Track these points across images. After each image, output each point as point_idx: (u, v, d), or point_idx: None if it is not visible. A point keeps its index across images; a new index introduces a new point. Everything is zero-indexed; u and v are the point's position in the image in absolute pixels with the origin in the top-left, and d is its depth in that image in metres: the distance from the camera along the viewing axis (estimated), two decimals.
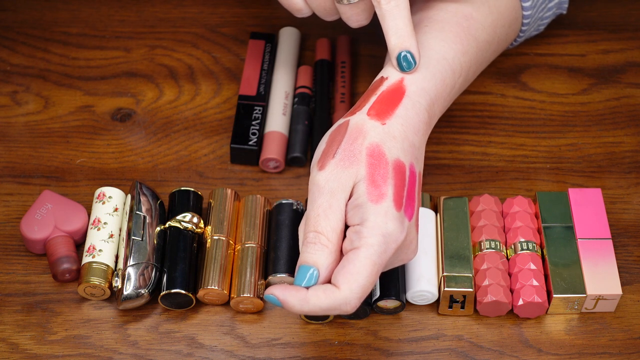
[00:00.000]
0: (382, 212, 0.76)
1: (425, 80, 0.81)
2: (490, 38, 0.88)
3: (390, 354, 0.84)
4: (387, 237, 0.76)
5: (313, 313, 0.76)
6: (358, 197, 0.76)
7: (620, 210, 0.91)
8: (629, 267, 0.88)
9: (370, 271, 0.75)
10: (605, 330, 0.85)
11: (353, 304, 0.75)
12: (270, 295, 0.76)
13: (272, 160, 0.92)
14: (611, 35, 1.02)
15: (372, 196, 0.76)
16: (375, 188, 0.76)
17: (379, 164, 0.77)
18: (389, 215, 0.76)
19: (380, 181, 0.77)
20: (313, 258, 0.76)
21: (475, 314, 0.86)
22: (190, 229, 0.87)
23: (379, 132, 0.78)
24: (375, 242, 0.75)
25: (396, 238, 0.76)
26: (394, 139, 0.78)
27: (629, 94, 0.98)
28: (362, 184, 0.77)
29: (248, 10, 1.04)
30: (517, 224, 0.87)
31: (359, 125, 0.79)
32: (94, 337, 0.84)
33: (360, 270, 0.75)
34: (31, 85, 0.98)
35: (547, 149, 0.95)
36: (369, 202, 0.76)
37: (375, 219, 0.76)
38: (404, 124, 0.79)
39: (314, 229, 0.76)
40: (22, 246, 0.88)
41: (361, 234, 0.76)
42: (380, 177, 0.77)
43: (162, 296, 0.84)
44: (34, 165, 0.93)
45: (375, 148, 0.78)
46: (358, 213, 0.76)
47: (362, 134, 0.78)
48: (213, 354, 0.84)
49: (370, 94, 0.81)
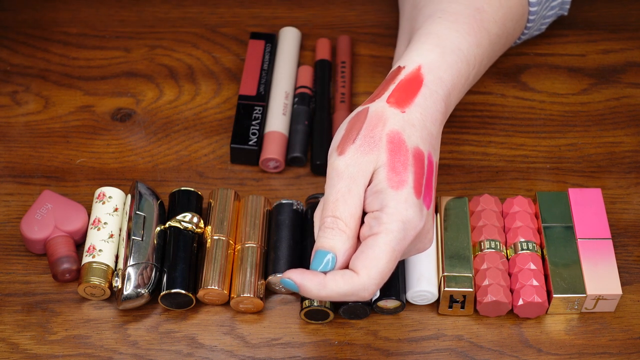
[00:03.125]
0: (402, 199, 0.76)
1: (442, 70, 0.81)
2: (501, 32, 0.88)
3: (390, 354, 0.84)
4: (407, 223, 0.75)
5: (330, 299, 0.75)
6: (378, 183, 0.76)
7: (620, 210, 0.91)
8: (629, 267, 0.88)
9: (390, 257, 0.75)
10: (605, 330, 0.85)
11: (371, 290, 0.75)
12: (286, 280, 0.76)
13: (272, 160, 0.92)
14: (611, 35, 1.02)
15: (392, 182, 0.76)
16: (396, 174, 0.76)
17: (399, 151, 0.77)
18: (409, 202, 0.76)
19: (400, 168, 0.76)
20: (330, 243, 0.75)
21: (475, 314, 0.86)
22: (190, 229, 0.87)
23: (399, 120, 0.78)
24: (395, 228, 0.75)
25: (415, 225, 0.76)
26: (413, 127, 0.78)
27: (629, 94, 0.98)
28: (382, 170, 0.76)
29: (248, 10, 1.04)
30: (517, 224, 0.87)
31: (378, 112, 0.78)
32: (94, 337, 0.84)
33: (380, 256, 0.75)
34: (31, 85, 0.98)
35: (547, 149, 0.95)
36: (390, 189, 0.76)
37: (395, 205, 0.75)
38: (422, 112, 0.79)
39: (332, 214, 0.76)
40: (22, 246, 0.88)
41: (381, 220, 0.75)
42: (401, 164, 0.77)
43: (162, 296, 0.84)
44: (34, 165, 0.93)
45: (395, 135, 0.77)
46: (378, 199, 0.76)
47: (382, 120, 0.78)
48: (213, 354, 0.84)
49: (388, 83, 0.81)
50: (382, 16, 1.04)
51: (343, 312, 0.85)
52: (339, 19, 1.03)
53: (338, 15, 1.04)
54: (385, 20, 1.03)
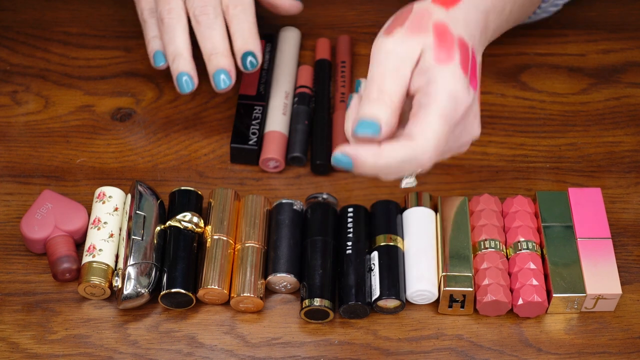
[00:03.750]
0: (449, 73, 0.75)
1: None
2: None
3: (390, 354, 0.84)
4: (456, 96, 0.75)
5: (388, 169, 0.74)
6: (424, 61, 0.76)
7: (620, 210, 0.91)
8: (629, 267, 0.88)
9: (443, 123, 0.74)
10: (604, 330, 0.85)
11: (430, 154, 0.74)
12: (340, 155, 0.74)
13: (272, 159, 0.92)
14: (611, 35, 1.02)
15: (439, 58, 0.76)
16: (443, 51, 0.76)
17: (446, 35, 0.77)
18: (457, 76, 0.75)
19: (447, 47, 0.76)
20: (375, 112, 0.74)
21: (475, 314, 0.86)
22: (190, 229, 0.87)
23: (443, 15, 0.78)
24: (444, 99, 0.75)
25: (464, 99, 0.75)
26: (457, 21, 0.78)
27: (628, 93, 0.98)
28: (429, 51, 0.76)
29: None
30: (517, 223, 0.87)
31: (423, 7, 0.78)
32: (94, 336, 0.84)
33: (433, 120, 0.74)
34: (31, 85, 0.98)
35: (547, 149, 0.95)
36: (437, 63, 0.75)
37: (443, 79, 0.75)
38: (465, 16, 0.79)
39: (378, 88, 0.75)
40: (22, 246, 0.88)
41: (429, 93, 0.75)
42: (447, 44, 0.76)
43: (162, 296, 0.84)
44: (34, 165, 0.93)
45: (441, 24, 0.77)
46: (424, 76, 0.76)
47: (428, 13, 0.78)
48: (213, 353, 0.84)
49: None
50: (382, 16, 1.03)
51: (343, 311, 0.85)
52: (339, 19, 1.03)
53: (338, 15, 1.04)
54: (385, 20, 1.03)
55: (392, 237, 0.86)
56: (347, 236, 0.87)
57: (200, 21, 0.88)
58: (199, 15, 0.89)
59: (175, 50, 0.89)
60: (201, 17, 0.88)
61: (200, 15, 0.89)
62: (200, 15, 0.89)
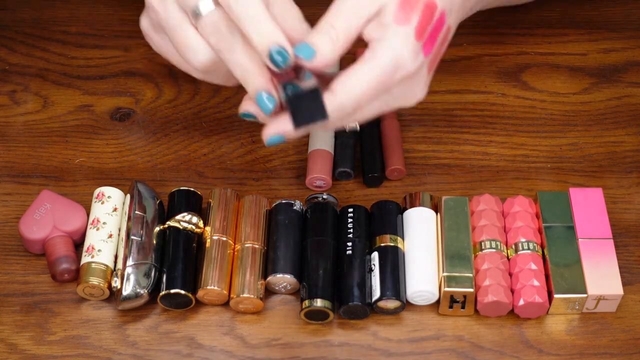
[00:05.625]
0: (401, 35, 0.76)
1: None
2: None
3: (390, 354, 0.84)
4: (398, 60, 0.76)
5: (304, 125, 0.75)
6: (385, 16, 0.77)
7: (621, 210, 0.91)
8: (630, 267, 0.88)
9: (369, 84, 0.76)
10: (606, 331, 0.85)
11: (346, 111, 0.76)
12: (245, 112, 0.77)
13: (319, 179, 0.91)
14: (612, 34, 1.02)
15: (397, 18, 0.77)
16: (403, 11, 0.77)
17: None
18: (408, 40, 0.77)
19: (408, 8, 0.77)
20: (316, 40, 0.76)
21: (476, 314, 0.85)
22: (190, 229, 0.86)
23: None
24: (385, 61, 0.76)
25: (406, 65, 0.77)
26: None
27: (630, 93, 0.98)
28: (391, 5, 0.77)
29: None
30: (518, 223, 0.87)
31: None
32: (93, 337, 0.84)
33: (361, 79, 0.76)
34: (30, 84, 0.98)
35: (548, 149, 0.95)
36: (393, 23, 0.77)
37: (392, 39, 0.76)
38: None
39: (330, 22, 0.77)
40: (21, 246, 0.88)
41: (374, 50, 0.76)
42: (410, 5, 0.77)
43: (161, 296, 0.84)
44: (32, 165, 0.93)
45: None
46: (378, 30, 0.77)
47: None
48: (213, 354, 0.83)
49: None
50: None
51: (343, 312, 0.84)
52: None
53: None
54: None
55: (393, 237, 0.86)
56: (347, 236, 0.87)
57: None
58: None
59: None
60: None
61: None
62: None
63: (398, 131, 0.94)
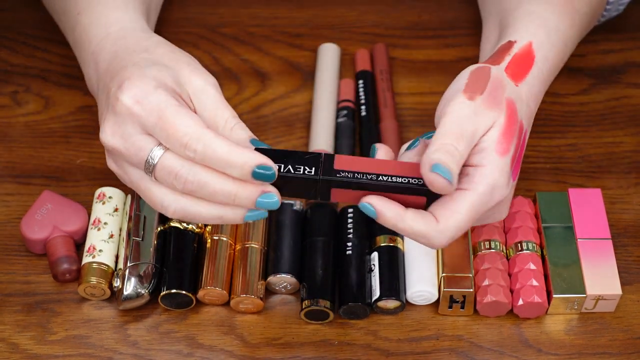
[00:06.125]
0: (500, 165, 0.76)
1: (547, 49, 0.83)
2: (589, 10, 0.88)
3: (390, 354, 0.84)
4: (496, 189, 0.76)
5: (402, 231, 0.76)
6: (485, 140, 0.77)
7: (620, 211, 0.91)
8: (629, 267, 0.88)
9: (470, 216, 0.76)
10: (605, 331, 0.85)
11: (443, 241, 0.75)
12: (366, 204, 0.76)
13: None
14: (611, 35, 1.02)
15: (499, 147, 0.77)
16: (505, 141, 0.77)
17: (514, 119, 0.78)
18: (504, 170, 0.77)
19: (510, 135, 0.77)
20: (450, 163, 0.74)
21: (475, 314, 0.86)
22: (191, 229, 0.87)
23: (513, 90, 0.79)
24: (483, 190, 0.76)
25: (502, 192, 0.77)
26: (521, 101, 0.79)
27: (628, 94, 0.98)
28: (495, 131, 0.77)
29: (248, 10, 1.04)
30: (517, 224, 0.87)
31: (499, 76, 0.79)
32: (94, 337, 0.84)
33: (462, 211, 0.75)
34: (31, 85, 0.98)
35: (547, 149, 0.95)
36: (495, 152, 0.76)
37: (492, 169, 0.76)
38: (530, 91, 0.80)
39: (454, 145, 0.75)
40: (23, 246, 0.88)
41: (473, 178, 0.76)
42: (511, 132, 0.77)
43: (162, 296, 0.84)
44: (34, 166, 0.93)
45: (511, 103, 0.78)
46: (478, 155, 0.76)
47: (502, 85, 0.79)
48: (213, 354, 0.84)
49: (503, 53, 0.81)
50: (382, 16, 1.04)
51: (343, 312, 0.85)
52: (339, 19, 1.03)
53: (338, 16, 1.04)
54: (385, 21, 1.03)
55: (393, 237, 0.86)
56: (347, 237, 0.87)
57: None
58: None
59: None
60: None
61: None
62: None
63: (397, 132, 0.94)
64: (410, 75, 1.00)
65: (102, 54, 0.82)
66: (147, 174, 0.76)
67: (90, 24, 0.84)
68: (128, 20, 0.84)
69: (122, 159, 0.78)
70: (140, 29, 0.83)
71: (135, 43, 0.81)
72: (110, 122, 0.77)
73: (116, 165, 0.80)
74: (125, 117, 0.76)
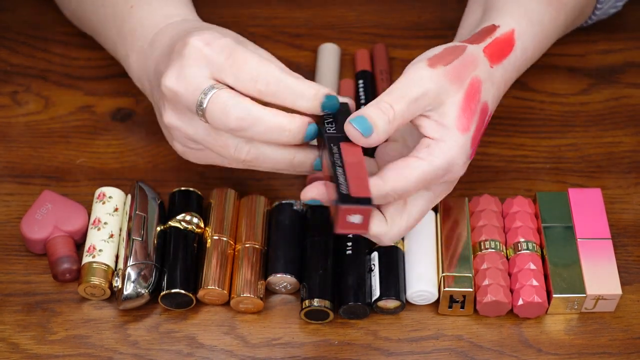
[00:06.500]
0: (461, 142, 0.77)
1: (528, 40, 0.84)
2: (576, 4, 0.89)
3: (390, 354, 0.84)
4: (452, 166, 0.78)
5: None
6: (445, 117, 0.77)
7: (620, 210, 0.91)
8: (629, 267, 0.88)
9: (417, 184, 0.77)
10: (604, 330, 0.85)
11: (388, 200, 0.77)
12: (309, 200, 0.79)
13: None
14: (611, 35, 1.02)
15: (459, 123, 0.77)
16: (465, 118, 0.78)
17: (474, 98, 0.79)
18: (464, 148, 0.78)
19: (469, 113, 0.78)
20: (376, 119, 0.76)
21: (475, 314, 0.86)
22: (191, 229, 0.87)
23: (485, 71, 0.80)
24: (439, 164, 0.77)
25: (457, 171, 0.79)
26: (492, 84, 0.80)
27: (628, 94, 0.98)
28: (454, 107, 0.78)
29: (248, 10, 1.04)
30: (517, 224, 0.87)
31: (474, 54, 0.80)
32: (94, 337, 0.84)
33: (410, 177, 0.76)
34: (31, 85, 0.98)
35: (546, 149, 0.95)
36: (455, 128, 0.77)
37: (451, 145, 0.77)
38: (503, 75, 0.82)
39: (390, 102, 0.76)
40: (23, 246, 0.88)
41: (432, 150, 0.77)
42: (471, 110, 0.78)
43: (162, 296, 0.84)
44: (34, 165, 0.93)
45: (477, 83, 0.79)
46: (438, 130, 0.77)
47: (474, 64, 0.80)
48: (213, 354, 0.84)
49: (484, 35, 0.82)
50: (382, 16, 1.04)
51: (343, 312, 0.85)
52: (339, 19, 1.03)
53: (338, 16, 1.04)
54: (385, 21, 1.03)
55: None
56: (347, 236, 0.87)
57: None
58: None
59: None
60: None
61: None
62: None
63: None
64: None
65: (162, 39, 0.83)
66: (199, 113, 0.77)
67: (148, 17, 0.86)
68: (186, 14, 0.86)
69: (183, 105, 0.78)
70: (197, 21, 0.86)
71: (193, 26, 0.83)
72: (177, 66, 0.78)
73: (177, 117, 0.80)
74: (194, 59, 0.77)
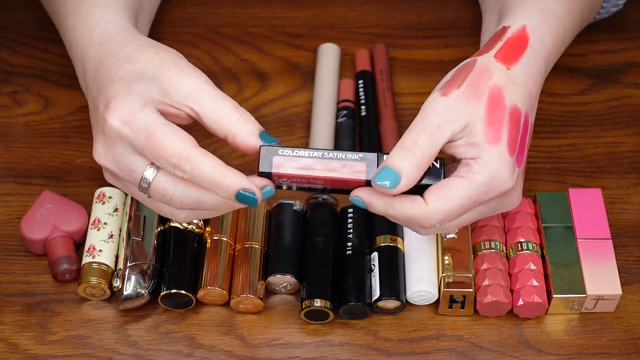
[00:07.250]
0: (496, 155, 0.77)
1: (544, 32, 0.83)
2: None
3: (390, 354, 0.84)
4: (495, 180, 0.77)
5: (393, 218, 0.77)
6: (474, 136, 0.77)
7: (620, 211, 0.91)
8: (629, 267, 0.88)
9: (462, 203, 0.76)
10: (605, 331, 0.85)
11: (432, 223, 0.77)
12: (355, 198, 0.77)
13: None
14: (611, 35, 1.02)
15: (488, 137, 0.77)
16: (492, 130, 0.78)
17: (497, 107, 0.78)
18: (502, 159, 0.77)
19: (495, 123, 0.78)
20: (401, 163, 0.76)
21: (475, 314, 0.86)
22: (191, 229, 0.87)
23: (502, 76, 0.79)
24: (481, 180, 0.77)
25: (504, 183, 0.78)
26: (515, 85, 0.80)
27: (628, 94, 0.98)
28: (479, 124, 0.77)
29: (248, 10, 1.04)
30: (517, 224, 0.87)
31: (485, 64, 0.80)
32: (94, 337, 0.84)
33: (453, 197, 0.76)
34: (31, 85, 0.98)
35: (547, 149, 0.95)
36: (485, 143, 0.77)
37: (488, 159, 0.77)
38: (526, 72, 0.81)
39: (414, 139, 0.76)
40: (22, 246, 0.88)
41: (471, 167, 0.77)
42: (497, 121, 0.78)
43: (162, 296, 0.84)
44: (34, 166, 0.93)
45: (497, 91, 0.79)
46: (472, 150, 0.77)
47: (488, 73, 0.79)
48: (213, 354, 0.84)
49: (495, 40, 0.82)
50: (382, 16, 1.04)
51: (343, 312, 0.85)
52: (339, 19, 1.03)
53: (338, 16, 1.04)
54: (385, 21, 1.03)
55: (393, 237, 0.86)
56: (347, 237, 0.87)
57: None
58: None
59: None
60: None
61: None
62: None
63: (397, 132, 0.94)
64: (410, 75, 1.00)
65: (87, 60, 0.82)
66: (142, 193, 0.77)
67: (75, 27, 0.85)
68: (110, 22, 0.83)
69: (118, 178, 0.80)
70: (123, 30, 0.83)
71: (118, 50, 0.81)
72: (101, 142, 0.78)
73: (114, 180, 0.81)
74: (115, 139, 0.77)
